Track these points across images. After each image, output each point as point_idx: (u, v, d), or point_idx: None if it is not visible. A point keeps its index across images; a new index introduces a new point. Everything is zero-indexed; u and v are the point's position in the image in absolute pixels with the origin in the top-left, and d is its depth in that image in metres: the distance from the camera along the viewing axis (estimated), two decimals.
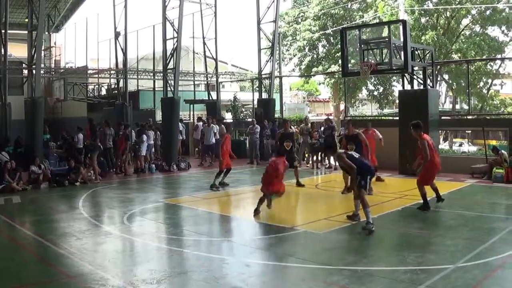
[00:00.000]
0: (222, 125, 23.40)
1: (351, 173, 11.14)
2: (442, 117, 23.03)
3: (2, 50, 24.29)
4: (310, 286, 7.44)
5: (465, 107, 42.77)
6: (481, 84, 39.01)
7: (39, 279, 7.95)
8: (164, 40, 24.62)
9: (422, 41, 33.88)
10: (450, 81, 41.20)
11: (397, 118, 21.49)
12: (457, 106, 46.83)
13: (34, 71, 21.46)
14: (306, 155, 24.48)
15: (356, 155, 11.37)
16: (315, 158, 23.26)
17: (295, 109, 46.93)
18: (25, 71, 24.33)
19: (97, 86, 38.80)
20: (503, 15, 35.39)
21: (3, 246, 10.24)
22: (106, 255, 9.18)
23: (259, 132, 25.37)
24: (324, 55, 44.39)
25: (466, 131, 33.82)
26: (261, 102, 29.05)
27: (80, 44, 39.67)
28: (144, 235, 10.64)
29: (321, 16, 42.69)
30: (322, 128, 23.03)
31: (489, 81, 39.93)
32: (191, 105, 34.17)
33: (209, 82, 33.58)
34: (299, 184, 17.04)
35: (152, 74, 32.16)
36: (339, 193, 15.19)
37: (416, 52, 20.36)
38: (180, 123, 26.28)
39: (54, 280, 7.84)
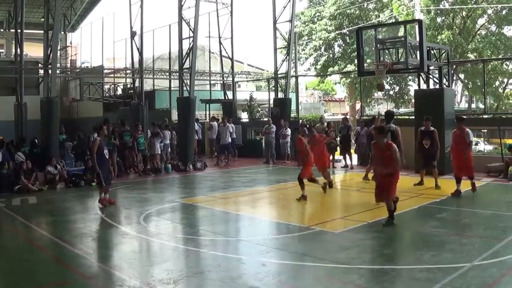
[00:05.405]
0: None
1: None
2: None
3: (18, 50, 24.50)
4: (326, 286, 7.44)
5: (481, 106, 42.64)
6: (497, 83, 38.99)
7: (56, 280, 7.99)
8: (180, 40, 24.65)
9: (438, 40, 33.80)
10: (466, 81, 41.17)
11: (413, 117, 21.42)
12: (473, 105, 46.76)
13: (50, 71, 21.55)
14: None
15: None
16: (331, 157, 23.13)
17: (311, 108, 46.86)
18: (41, 71, 24.50)
19: (113, 86, 38.96)
20: None
21: (19, 247, 10.29)
22: (123, 256, 9.23)
23: (274, 131, 25.33)
24: (340, 54, 44.40)
25: (482, 130, 33.61)
26: (277, 101, 28.98)
27: (96, 44, 39.78)
28: (160, 235, 10.64)
29: (337, 15, 42.68)
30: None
31: (505, 80, 39.80)
32: (207, 105, 34.27)
33: (225, 81, 33.62)
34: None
35: (168, 73, 32.13)
36: (355, 192, 15.16)
37: (432, 52, 20.27)
38: (196, 123, 26.34)
39: (70, 281, 7.87)
